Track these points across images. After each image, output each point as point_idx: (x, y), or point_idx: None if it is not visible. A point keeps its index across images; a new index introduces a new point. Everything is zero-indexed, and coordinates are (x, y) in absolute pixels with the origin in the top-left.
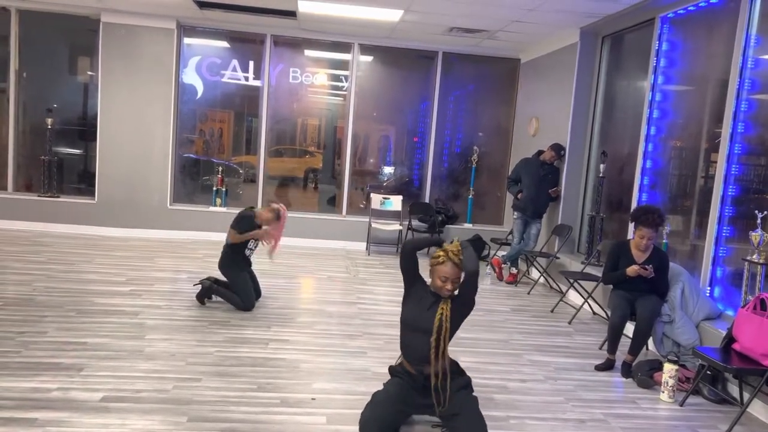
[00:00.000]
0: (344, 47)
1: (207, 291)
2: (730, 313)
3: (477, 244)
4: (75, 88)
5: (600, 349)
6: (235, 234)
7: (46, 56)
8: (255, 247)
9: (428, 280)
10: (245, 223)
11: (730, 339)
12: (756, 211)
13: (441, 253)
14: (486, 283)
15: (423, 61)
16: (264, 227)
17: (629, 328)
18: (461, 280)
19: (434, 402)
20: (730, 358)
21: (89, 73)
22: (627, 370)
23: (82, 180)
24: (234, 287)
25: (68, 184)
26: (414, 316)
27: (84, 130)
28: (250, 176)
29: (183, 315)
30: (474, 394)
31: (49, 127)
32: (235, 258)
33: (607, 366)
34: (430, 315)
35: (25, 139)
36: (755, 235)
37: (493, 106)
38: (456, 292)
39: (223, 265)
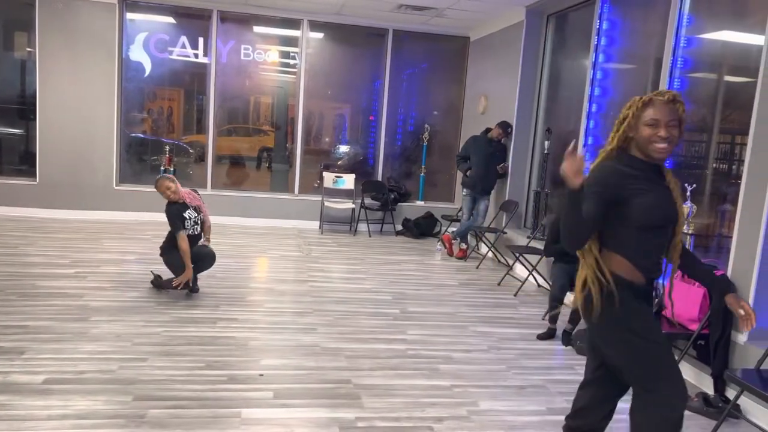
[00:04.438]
0: (293, 24)
1: (158, 282)
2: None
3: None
4: (12, 65)
5: (543, 319)
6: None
7: None
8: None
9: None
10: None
11: (660, 306)
12: (686, 185)
13: (637, 98)
14: (437, 258)
15: (374, 38)
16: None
17: (570, 298)
18: (682, 124)
19: None
20: (660, 324)
21: (27, 49)
22: (567, 338)
23: (24, 161)
24: (172, 267)
25: (8, 165)
26: (657, 206)
27: (23, 109)
28: (200, 156)
29: (129, 296)
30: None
31: None
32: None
33: (548, 335)
34: (667, 198)
35: None
36: (685, 208)
37: (444, 84)
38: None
39: (164, 252)
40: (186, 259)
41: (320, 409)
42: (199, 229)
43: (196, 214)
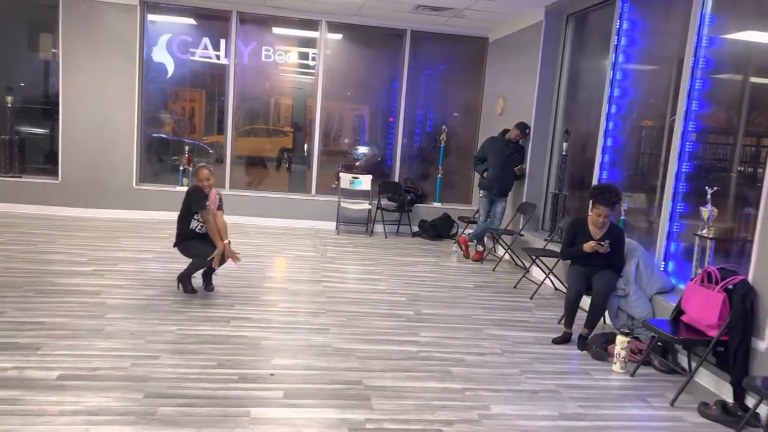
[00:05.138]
0: (312, 25)
1: (184, 279)
2: (682, 286)
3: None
4: (37, 66)
5: (558, 323)
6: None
7: (5, 33)
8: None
9: None
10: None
11: (679, 311)
12: (706, 187)
13: None
14: (452, 260)
15: (392, 39)
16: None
17: (588, 302)
18: None
19: None
20: (678, 330)
21: (52, 50)
22: (582, 343)
23: (49, 160)
24: (190, 254)
25: (34, 164)
26: None
27: (48, 109)
28: (221, 156)
29: (145, 294)
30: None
31: (9, 105)
32: (185, 232)
33: (563, 339)
34: None
35: None
36: (705, 211)
37: (462, 85)
38: None
39: (179, 241)
40: (214, 234)
41: (329, 410)
42: (204, 229)
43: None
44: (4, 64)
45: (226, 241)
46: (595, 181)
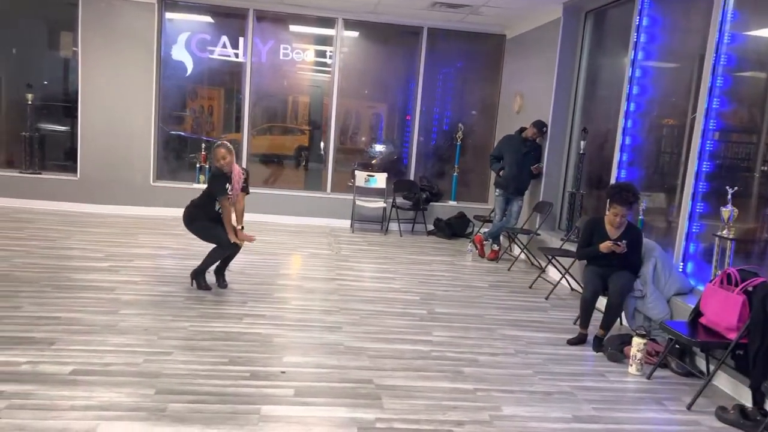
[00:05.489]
0: (328, 22)
1: (199, 275)
2: (701, 288)
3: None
4: (57, 64)
5: (574, 324)
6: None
7: (26, 31)
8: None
9: None
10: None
11: (697, 313)
12: (727, 187)
13: None
14: (467, 260)
15: (408, 37)
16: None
17: (604, 303)
18: None
19: None
20: (696, 332)
21: (73, 48)
22: (598, 344)
23: (69, 157)
24: (207, 238)
25: (54, 161)
26: None
27: (69, 107)
28: (238, 154)
29: (160, 291)
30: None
31: (29, 103)
32: (207, 213)
33: (579, 340)
34: None
35: (6, 116)
36: (725, 211)
37: (480, 83)
38: None
39: (193, 220)
40: (228, 224)
41: (340, 409)
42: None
43: (230, 195)
44: (25, 62)
45: (239, 227)
46: (612, 180)
